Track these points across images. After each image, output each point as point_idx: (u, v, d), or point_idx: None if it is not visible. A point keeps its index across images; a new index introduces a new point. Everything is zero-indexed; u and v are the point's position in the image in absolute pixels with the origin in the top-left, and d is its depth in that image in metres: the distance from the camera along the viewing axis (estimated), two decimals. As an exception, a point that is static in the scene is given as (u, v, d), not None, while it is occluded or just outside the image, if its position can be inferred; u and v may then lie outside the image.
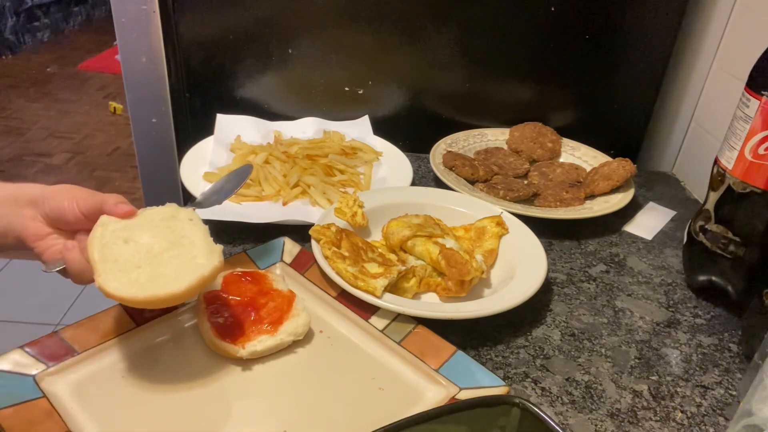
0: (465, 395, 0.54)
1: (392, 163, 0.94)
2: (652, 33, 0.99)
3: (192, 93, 1.04)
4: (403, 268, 0.68)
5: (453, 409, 0.45)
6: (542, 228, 0.78)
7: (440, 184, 0.88)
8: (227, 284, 0.62)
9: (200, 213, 0.76)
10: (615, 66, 1.02)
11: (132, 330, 0.59)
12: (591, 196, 0.90)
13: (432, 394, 0.56)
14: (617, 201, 0.87)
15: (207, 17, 0.97)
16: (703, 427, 0.56)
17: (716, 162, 0.68)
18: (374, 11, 0.97)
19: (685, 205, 0.95)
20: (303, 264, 0.70)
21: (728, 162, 0.65)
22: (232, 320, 0.59)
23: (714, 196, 0.69)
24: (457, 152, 0.96)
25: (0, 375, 0.52)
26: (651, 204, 0.94)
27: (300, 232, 0.73)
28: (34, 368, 0.54)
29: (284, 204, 0.82)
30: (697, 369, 0.63)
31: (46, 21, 4.30)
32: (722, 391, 0.60)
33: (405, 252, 0.72)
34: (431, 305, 0.66)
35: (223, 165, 0.88)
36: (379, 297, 0.62)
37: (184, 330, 0.61)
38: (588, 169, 0.97)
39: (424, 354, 0.59)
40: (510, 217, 0.78)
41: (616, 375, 0.61)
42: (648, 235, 0.86)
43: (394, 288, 0.66)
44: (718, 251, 0.68)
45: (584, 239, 0.84)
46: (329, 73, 1.02)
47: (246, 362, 0.57)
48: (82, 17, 4.69)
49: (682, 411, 0.57)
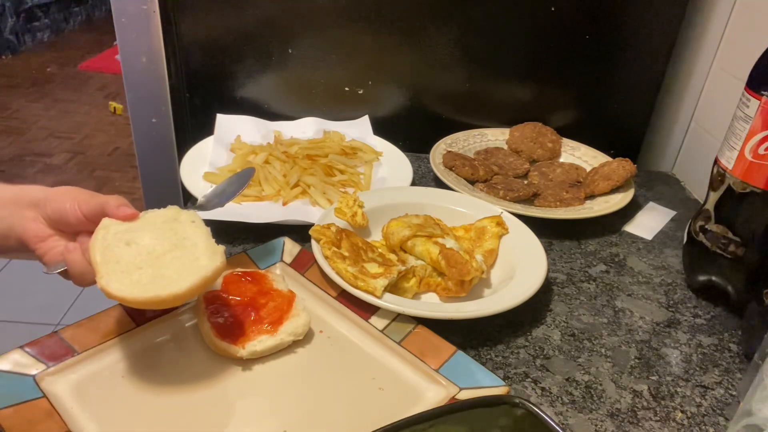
0: (465, 395, 0.54)
1: (392, 163, 0.94)
2: (652, 33, 0.99)
3: (192, 93, 1.04)
4: (403, 268, 0.68)
5: (453, 409, 0.45)
6: (542, 228, 0.78)
7: (440, 184, 0.88)
8: (227, 284, 0.62)
9: (201, 213, 0.76)
10: (615, 66, 1.02)
11: (132, 330, 0.59)
12: (591, 196, 0.90)
13: (432, 394, 0.56)
14: (617, 201, 0.87)
15: (207, 17, 0.97)
16: (703, 427, 0.56)
17: (716, 162, 0.68)
18: (374, 11, 0.97)
19: (685, 205, 0.95)
20: (303, 264, 0.70)
21: (728, 162, 0.65)
22: (232, 320, 0.59)
23: (714, 196, 0.69)
24: (457, 152, 0.96)
25: (0, 375, 0.52)
26: (651, 204, 0.94)
27: (300, 232, 0.73)
28: (34, 368, 0.54)
29: (284, 204, 0.82)
30: (697, 369, 0.63)
31: (46, 21, 4.30)
32: (722, 391, 0.60)
33: (405, 252, 0.72)
34: (431, 305, 0.66)
35: (223, 165, 0.88)
36: (379, 297, 0.62)
37: (184, 330, 0.61)
38: (588, 169, 0.97)
39: (424, 354, 0.59)
40: (510, 217, 0.78)
41: (616, 375, 0.61)
42: (648, 235, 0.86)
43: (394, 288, 0.66)
44: (718, 251, 0.68)
45: (584, 239, 0.84)
46: (329, 73, 1.02)
47: (246, 362, 0.57)
48: (82, 17, 4.69)
49: (682, 411, 0.57)
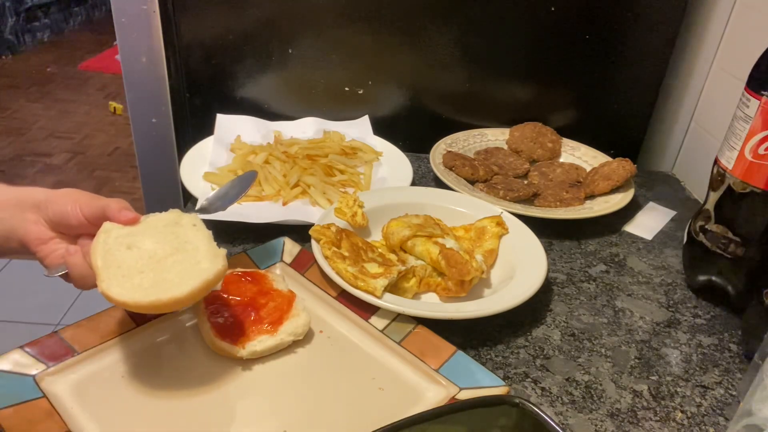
0: (465, 395, 0.54)
1: (392, 163, 0.94)
2: (652, 33, 0.99)
3: (192, 93, 1.04)
4: (403, 268, 0.68)
5: (453, 409, 0.45)
6: (542, 228, 0.78)
7: (440, 184, 0.88)
8: (227, 284, 0.62)
9: (202, 216, 0.76)
10: (615, 66, 1.02)
11: (132, 330, 0.59)
12: (591, 196, 0.90)
13: (432, 394, 0.56)
14: (617, 201, 0.87)
15: (207, 17, 0.97)
16: (703, 427, 0.56)
17: (716, 162, 0.68)
18: (374, 11, 0.97)
19: (685, 205, 0.95)
20: (303, 264, 0.70)
21: (728, 162, 0.65)
22: (232, 320, 0.59)
23: (714, 196, 0.69)
24: (457, 152, 0.96)
25: (0, 375, 0.52)
26: (651, 204, 0.94)
27: (300, 232, 0.73)
28: (34, 368, 0.54)
29: (284, 204, 0.82)
30: (697, 369, 0.63)
31: (46, 21, 4.30)
32: (722, 391, 0.60)
33: (405, 252, 0.72)
34: (431, 305, 0.66)
35: (223, 165, 0.88)
36: (379, 297, 0.62)
37: (184, 330, 0.61)
38: (588, 169, 0.97)
39: (424, 354, 0.59)
40: (510, 217, 0.78)
41: (616, 375, 0.61)
42: (648, 235, 0.86)
43: (394, 288, 0.66)
44: (718, 251, 0.68)
45: (584, 239, 0.84)
46: (329, 73, 1.02)
47: (246, 362, 0.57)
48: (82, 17, 4.69)
49: (682, 411, 0.57)
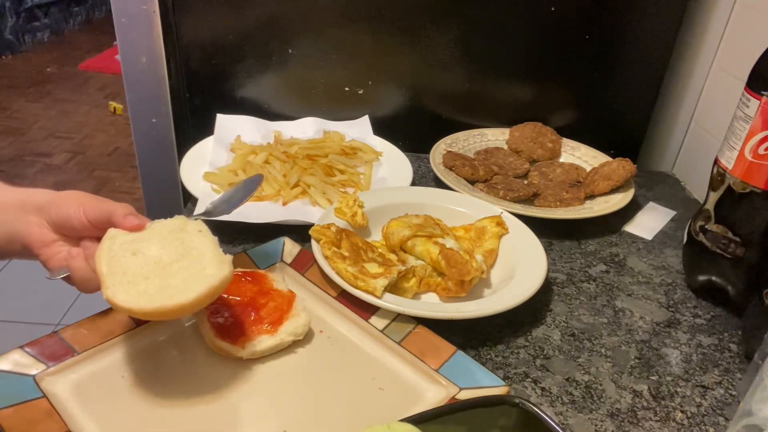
0: (465, 395, 0.54)
1: (392, 163, 0.94)
2: (652, 33, 0.99)
3: (192, 93, 1.04)
4: (403, 268, 0.68)
5: (453, 409, 0.45)
6: (542, 228, 0.78)
7: (440, 184, 0.88)
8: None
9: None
10: (615, 66, 1.02)
11: (132, 330, 0.59)
12: (591, 196, 0.90)
13: (432, 394, 0.56)
14: (617, 201, 0.87)
15: (207, 17, 0.97)
16: (703, 427, 0.56)
17: (716, 162, 0.68)
18: (374, 11, 0.97)
19: (685, 205, 0.95)
20: (303, 264, 0.70)
21: (728, 162, 0.65)
22: (232, 320, 0.59)
23: (714, 196, 0.69)
24: (457, 152, 0.96)
25: (0, 375, 0.52)
26: (651, 204, 0.94)
27: (300, 232, 0.73)
28: (34, 368, 0.54)
29: (284, 204, 0.82)
30: (697, 369, 0.63)
31: (46, 21, 4.30)
32: (722, 391, 0.60)
33: (405, 252, 0.72)
34: (431, 305, 0.66)
35: (223, 165, 0.88)
36: (379, 297, 0.62)
37: (184, 330, 0.61)
38: (588, 169, 0.97)
39: (424, 354, 0.59)
40: (510, 217, 0.78)
41: (616, 375, 0.61)
42: (648, 235, 0.86)
43: (394, 288, 0.66)
44: (718, 251, 0.68)
45: (584, 239, 0.84)
46: (329, 73, 1.02)
47: (246, 362, 0.57)
48: (82, 17, 4.68)
49: (682, 411, 0.57)
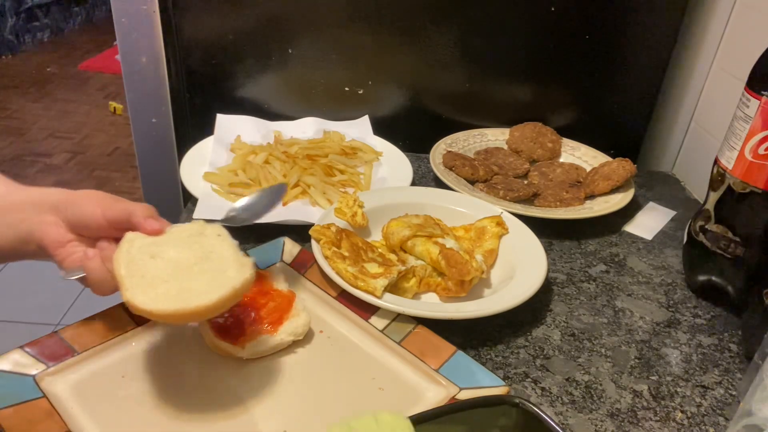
0: (465, 395, 0.54)
1: (392, 163, 0.94)
2: (652, 33, 0.99)
3: (192, 93, 1.04)
4: (403, 268, 0.68)
5: (453, 409, 0.45)
6: (542, 228, 0.78)
7: (440, 184, 0.88)
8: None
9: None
10: (615, 66, 1.02)
11: (132, 330, 0.59)
12: (591, 196, 0.90)
13: (432, 394, 0.56)
14: (617, 201, 0.87)
15: (207, 17, 0.97)
16: (703, 427, 0.56)
17: (716, 162, 0.68)
18: (374, 11, 0.97)
19: (685, 205, 0.95)
20: (303, 264, 0.70)
21: (728, 162, 0.65)
22: (232, 320, 0.58)
23: (714, 196, 0.69)
24: (457, 152, 0.96)
25: (0, 375, 0.52)
26: (651, 204, 0.94)
27: (300, 232, 0.73)
28: (34, 368, 0.54)
29: (284, 204, 0.82)
30: (697, 369, 0.63)
31: (46, 21, 4.29)
32: (722, 391, 0.60)
33: (405, 252, 0.72)
34: (431, 305, 0.66)
35: (223, 165, 0.88)
36: (379, 297, 0.62)
37: (184, 330, 0.61)
38: (588, 169, 0.97)
39: (424, 354, 0.59)
40: (510, 217, 0.78)
41: (616, 375, 0.61)
42: (648, 235, 0.86)
43: (394, 288, 0.66)
44: (718, 251, 0.68)
45: (584, 239, 0.84)
46: (329, 73, 1.02)
47: (246, 362, 0.57)
48: (82, 17, 4.68)
49: (682, 411, 0.57)
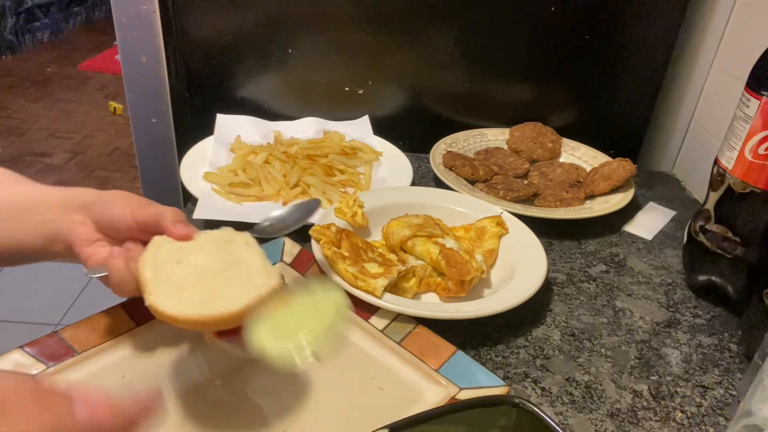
0: (465, 395, 0.54)
1: (392, 163, 0.94)
2: (652, 33, 0.99)
3: (192, 93, 1.04)
4: (403, 268, 0.68)
5: (453, 409, 0.45)
6: (542, 228, 0.78)
7: (440, 184, 0.88)
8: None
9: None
10: (615, 66, 1.02)
11: (132, 330, 0.59)
12: (591, 196, 0.90)
13: (432, 394, 0.56)
14: (617, 201, 0.87)
15: (207, 17, 0.97)
16: (703, 427, 0.56)
17: (716, 162, 0.68)
18: (374, 11, 0.97)
19: (685, 205, 0.95)
20: (303, 264, 0.70)
21: (728, 162, 0.65)
22: (232, 320, 0.58)
23: (714, 196, 0.69)
24: (457, 152, 0.96)
25: (0, 375, 0.52)
26: (651, 204, 0.94)
27: (300, 232, 0.73)
28: (34, 368, 0.54)
29: (284, 204, 0.82)
30: (697, 369, 0.63)
31: (46, 21, 4.30)
32: (722, 391, 0.60)
33: (405, 252, 0.72)
34: (431, 305, 0.66)
35: (223, 165, 0.88)
36: (379, 297, 0.62)
37: (185, 330, 0.60)
38: (588, 169, 0.97)
39: (424, 354, 0.59)
40: (510, 217, 0.78)
41: (616, 375, 0.61)
42: (648, 235, 0.86)
43: (394, 288, 0.66)
44: (718, 251, 0.68)
45: (584, 239, 0.84)
46: (329, 73, 1.02)
47: (246, 362, 0.57)
48: (82, 17, 4.68)
49: (682, 411, 0.57)
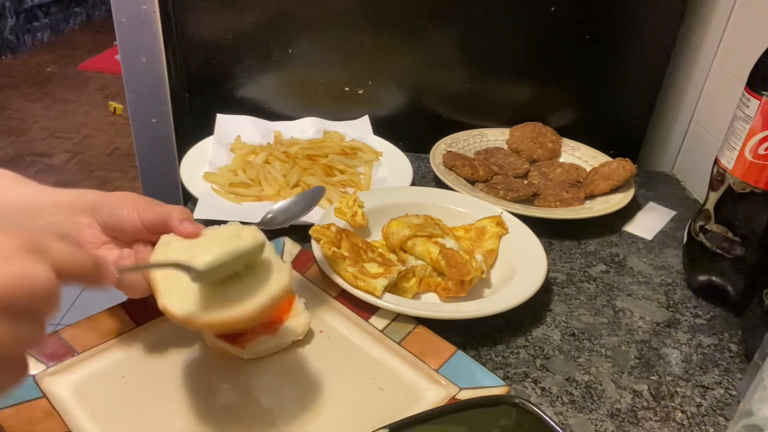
0: (465, 395, 0.54)
1: (392, 163, 0.94)
2: (652, 33, 0.99)
3: (192, 93, 1.04)
4: (403, 268, 0.68)
5: (453, 409, 0.45)
6: (542, 228, 0.78)
7: (440, 184, 0.88)
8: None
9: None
10: (615, 66, 1.02)
11: (132, 330, 0.59)
12: (591, 196, 0.90)
13: (432, 394, 0.56)
14: (617, 201, 0.87)
15: (207, 17, 0.97)
16: (703, 427, 0.56)
17: (716, 162, 0.68)
18: (374, 11, 0.97)
19: (685, 205, 0.95)
20: (303, 264, 0.70)
21: (728, 162, 0.65)
22: (232, 320, 0.58)
23: (714, 196, 0.69)
24: (457, 152, 0.96)
25: (0, 375, 0.52)
26: (651, 204, 0.94)
27: (300, 232, 0.73)
28: (34, 368, 0.54)
29: (284, 204, 0.82)
30: (697, 369, 0.63)
31: (46, 21, 4.30)
32: (722, 391, 0.60)
33: (405, 252, 0.72)
34: (431, 305, 0.66)
35: (223, 165, 0.88)
36: (379, 297, 0.62)
37: (184, 330, 0.60)
38: (588, 169, 0.97)
39: (424, 354, 0.59)
40: (510, 217, 0.78)
41: (616, 375, 0.61)
42: (648, 235, 0.86)
43: (394, 288, 0.66)
44: (718, 251, 0.68)
45: (584, 239, 0.84)
46: (329, 73, 1.02)
47: (246, 362, 0.57)
48: (82, 17, 4.69)
49: (682, 411, 0.57)
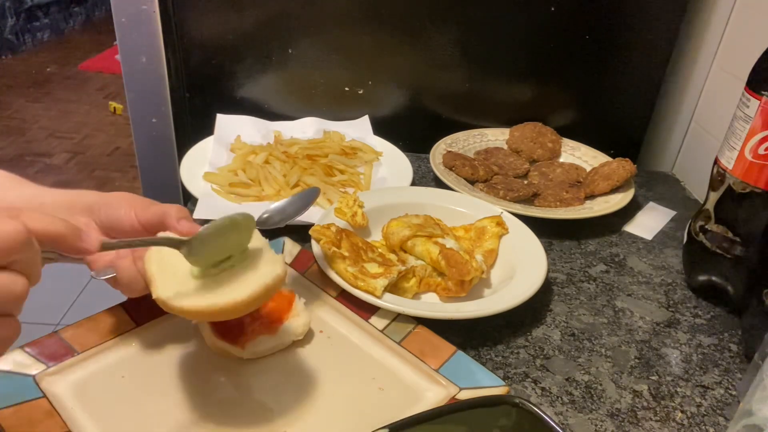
0: (465, 395, 0.54)
1: (392, 163, 0.94)
2: (652, 33, 0.99)
3: (192, 93, 1.04)
4: (403, 268, 0.68)
5: (453, 409, 0.45)
6: (542, 228, 0.78)
7: (440, 184, 0.88)
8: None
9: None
10: (615, 66, 1.02)
11: (132, 330, 0.59)
12: (591, 196, 0.90)
13: (432, 394, 0.56)
14: (617, 201, 0.87)
15: (207, 17, 0.97)
16: (703, 427, 0.56)
17: (716, 162, 0.68)
18: (374, 11, 0.97)
19: (685, 205, 0.95)
20: (303, 264, 0.70)
21: (728, 162, 0.65)
22: (232, 320, 0.58)
23: (714, 196, 0.69)
24: (457, 152, 0.96)
25: (0, 375, 0.52)
26: (651, 204, 0.94)
27: (300, 232, 0.73)
28: (34, 368, 0.54)
29: (284, 204, 0.82)
30: (697, 369, 0.63)
31: (46, 21, 4.30)
32: (722, 391, 0.60)
33: (405, 252, 0.72)
34: (431, 305, 0.66)
35: (223, 165, 0.88)
36: (379, 297, 0.62)
37: (184, 330, 0.61)
38: (588, 169, 0.97)
39: (424, 354, 0.59)
40: (510, 217, 0.78)
41: (616, 375, 0.61)
42: (648, 235, 0.86)
43: (394, 288, 0.66)
44: (718, 251, 0.68)
45: (584, 239, 0.84)
46: (329, 73, 1.02)
47: (246, 362, 0.57)
48: (82, 17, 4.69)
49: (682, 411, 0.57)
